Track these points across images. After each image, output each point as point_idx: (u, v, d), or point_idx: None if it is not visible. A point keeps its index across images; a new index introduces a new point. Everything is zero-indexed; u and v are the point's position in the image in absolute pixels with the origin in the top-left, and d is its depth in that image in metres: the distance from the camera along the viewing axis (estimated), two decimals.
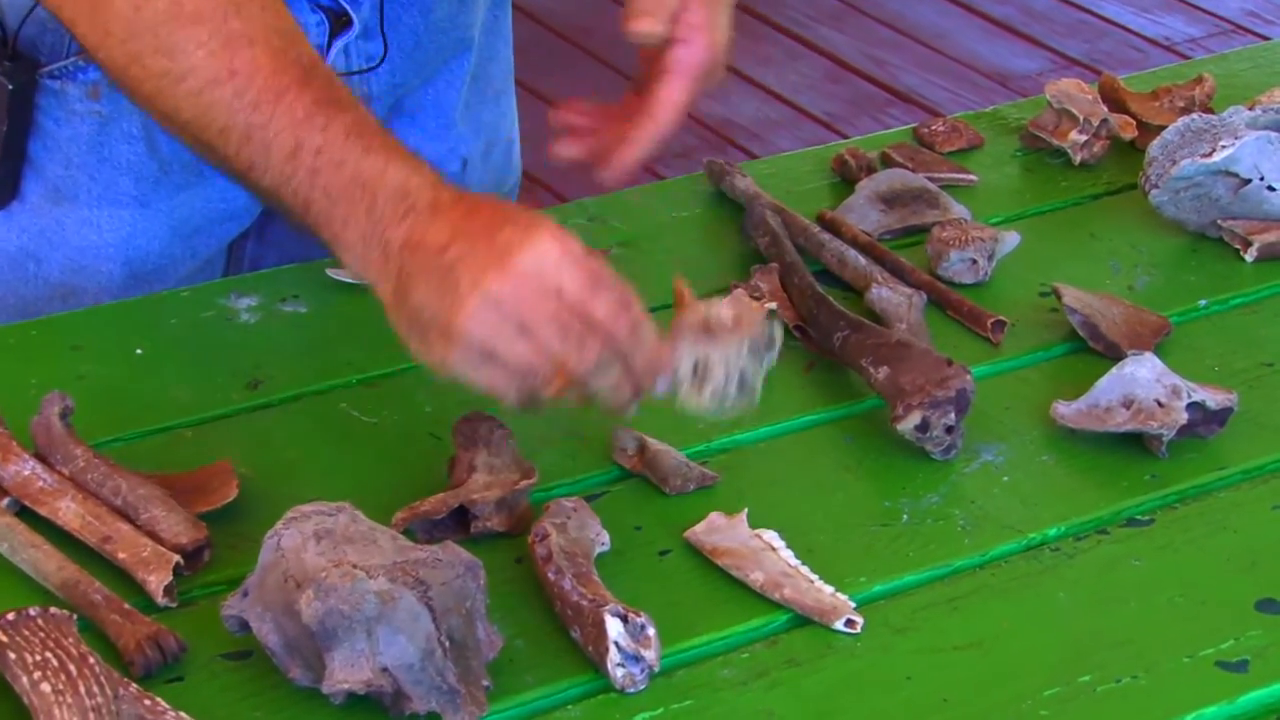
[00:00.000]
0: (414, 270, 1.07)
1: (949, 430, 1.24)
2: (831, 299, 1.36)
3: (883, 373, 1.27)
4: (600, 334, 1.06)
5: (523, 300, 1.05)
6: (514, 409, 1.09)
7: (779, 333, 1.15)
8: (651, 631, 1.07)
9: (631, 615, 1.07)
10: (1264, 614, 1.14)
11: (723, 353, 1.11)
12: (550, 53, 3.70)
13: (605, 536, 1.15)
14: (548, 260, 1.05)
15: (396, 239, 1.09)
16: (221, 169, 1.17)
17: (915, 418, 1.24)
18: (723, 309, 1.12)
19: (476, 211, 1.08)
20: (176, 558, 1.12)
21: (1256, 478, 1.26)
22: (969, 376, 1.25)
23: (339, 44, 1.43)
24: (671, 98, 1.25)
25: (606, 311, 1.06)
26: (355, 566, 1.02)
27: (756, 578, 1.14)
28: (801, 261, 1.42)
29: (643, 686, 1.07)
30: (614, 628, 1.06)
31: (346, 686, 1.01)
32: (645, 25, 1.25)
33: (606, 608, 1.07)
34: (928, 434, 1.24)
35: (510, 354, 1.06)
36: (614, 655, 1.06)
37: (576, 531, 1.15)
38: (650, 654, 1.07)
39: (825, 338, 1.34)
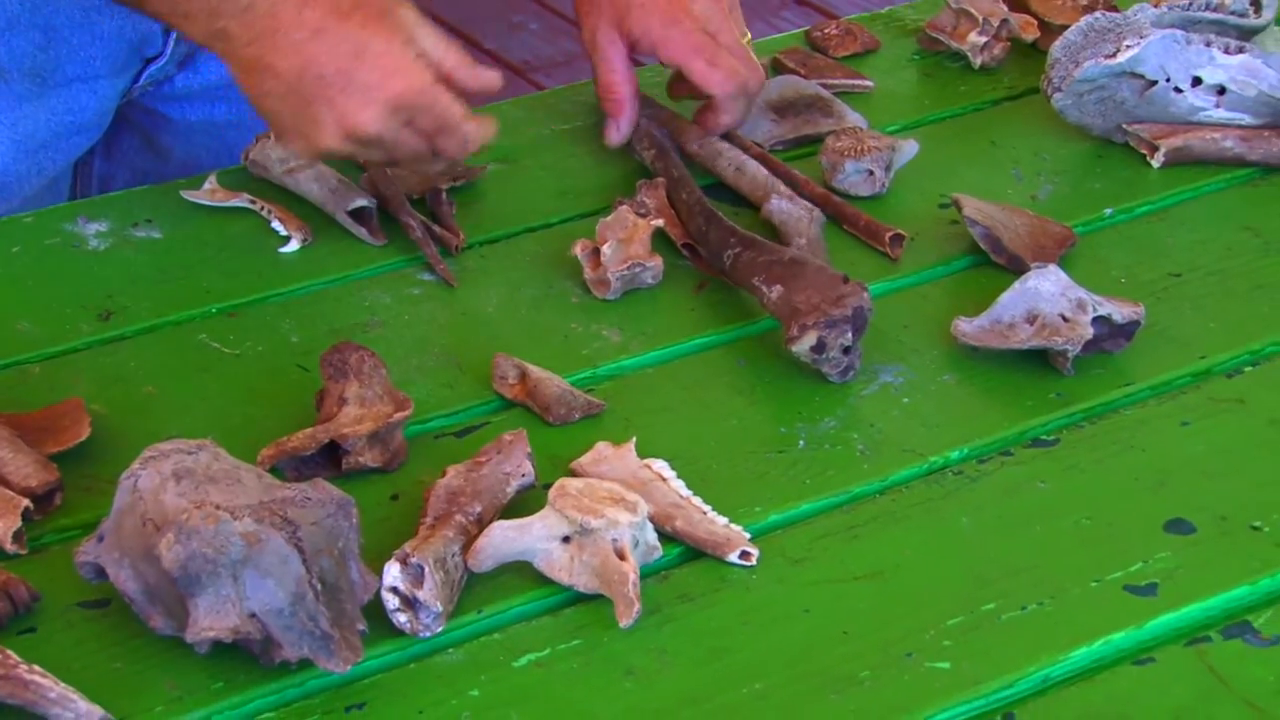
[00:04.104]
0: (266, 91, 1.26)
1: (846, 351, 1.26)
2: (722, 215, 1.37)
3: (776, 292, 1.28)
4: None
5: (379, 143, 1.28)
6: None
7: None
8: (428, 571, 1.05)
9: (412, 558, 1.06)
10: (1173, 535, 1.16)
11: None
12: None
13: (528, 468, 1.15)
14: (400, 110, 1.27)
15: (239, 49, 1.23)
16: None
17: (810, 338, 1.25)
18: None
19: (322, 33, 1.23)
20: (25, 502, 1.11)
21: (1164, 394, 1.28)
22: (866, 294, 1.26)
23: None
24: (720, 125, 1.47)
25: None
26: (218, 507, 1.02)
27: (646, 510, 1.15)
28: (690, 175, 1.43)
29: (437, 629, 1.06)
30: (390, 572, 1.06)
31: (212, 635, 1.01)
32: (613, 138, 1.48)
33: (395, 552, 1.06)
34: (824, 355, 1.26)
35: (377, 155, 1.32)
36: (391, 602, 1.06)
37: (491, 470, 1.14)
38: (427, 595, 1.05)
39: (715, 256, 1.35)
